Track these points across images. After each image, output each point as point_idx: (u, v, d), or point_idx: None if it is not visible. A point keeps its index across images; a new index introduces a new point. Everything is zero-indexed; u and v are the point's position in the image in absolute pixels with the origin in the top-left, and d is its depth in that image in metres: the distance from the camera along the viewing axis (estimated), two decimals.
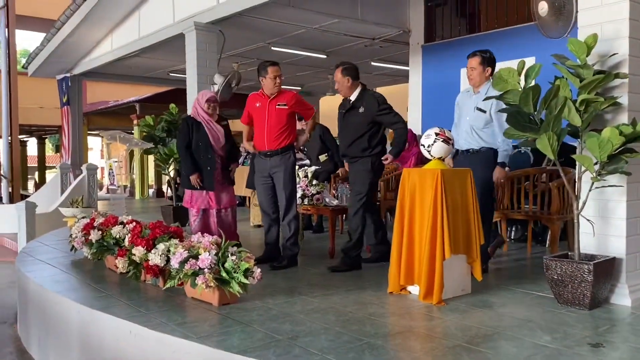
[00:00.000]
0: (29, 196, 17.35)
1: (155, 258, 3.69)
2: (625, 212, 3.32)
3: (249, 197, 8.43)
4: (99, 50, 10.39)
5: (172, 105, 7.29)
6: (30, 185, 23.93)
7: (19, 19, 15.02)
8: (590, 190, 3.24)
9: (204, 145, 4.90)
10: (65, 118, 11.77)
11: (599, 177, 3.15)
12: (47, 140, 26.20)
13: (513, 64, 8.04)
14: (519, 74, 3.36)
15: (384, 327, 2.93)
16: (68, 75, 11.54)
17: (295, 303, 3.42)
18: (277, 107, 4.59)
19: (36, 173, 24.75)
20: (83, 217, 5.09)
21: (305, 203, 5.17)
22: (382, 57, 10.48)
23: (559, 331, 2.82)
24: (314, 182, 5.19)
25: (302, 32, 8.60)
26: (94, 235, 4.37)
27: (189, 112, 7.38)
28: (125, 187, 16.30)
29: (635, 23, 3.31)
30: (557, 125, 3.23)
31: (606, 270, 3.22)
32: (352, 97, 4.45)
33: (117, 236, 4.26)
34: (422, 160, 6.52)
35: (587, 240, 3.41)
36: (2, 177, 14.06)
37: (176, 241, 3.78)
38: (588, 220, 3.28)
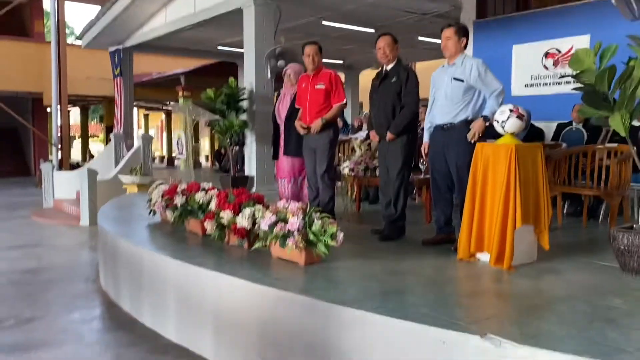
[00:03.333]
0: (78, 164, 18.03)
1: (242, 221, 4.02)
2: None
3: None
4: (153, 24, 10.70)
5: (231, 79, 7.56)
6: (73, 153, 24.70)
7: None
8: None
9: (273, 117, 5.21)
10: (117, 90, 12.19)
11: None
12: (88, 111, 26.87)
13: (566, 41, 8.14)
14: (595, 55, 3.50)
15: (465, 288, 3.21)
16: (120, 47, 11.91)
17: (374, 265, 3.71)
18: (315, 87, 4.84)
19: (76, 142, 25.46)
20: (161, 184, 5.45)
21: (368, 175, 5.42)
22: (429, 32, 10.55)
23: (630, 295, 3.05)
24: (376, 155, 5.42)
25: (355, 7, 8.75)
26: (179, 200, 4.71)
27: (243, 85, 7.68)
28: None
29: None
30: (630, 104, 3.40)
31: None
32: (389, 67, 4.58)
33: (201, 201, 4.60)
34: None
35: None
36: (53, 145, 14.66)
37: (260, 206, 4.10)
38: None
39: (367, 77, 14.92)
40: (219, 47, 12.56)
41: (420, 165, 5.28)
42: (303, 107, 4.92)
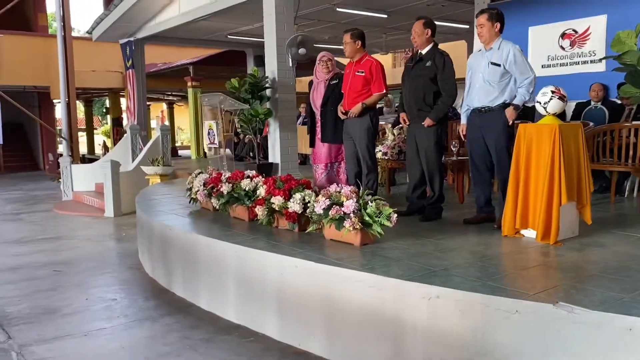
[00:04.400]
0: (85, 157, 18.11)
1: (294, 205, 4.18)
2: None
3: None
4: (166, 15, 10.76)
5: (255, 68, 7.67)
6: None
7: None
8: None
9: (308, 105, 5.35)
10: (130, 81, 12.27)
11: None
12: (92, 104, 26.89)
13: (583, 22, 8.26)
14: (636, 36, 3.65)
15: (520, 262, 3.38)
16: (132, 39, 11.97)
17: (425, 244, 3.88)
18: (356, 73, 4.97)
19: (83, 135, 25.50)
20: (200, 172, 5.61)
21: (402, 158, 5.57)
22: (440, 16, 10.64)
23: None
24: None
25: None
26: (226, 188, 4.86)
27: (266, 73, 7.77)
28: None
29: None
30: None
31: None
32: (424, 51, 4.72)
33: (247, 188, 4.75)
34: None
35: None
36: (63, 138, 14.74)
37: (309, 191, 4.26)
38: None
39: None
40: (229, 36, 12.63)
41: (452, 147, 5.43)
42: (344, 90, 5.05)
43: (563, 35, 8.01)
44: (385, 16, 10.30)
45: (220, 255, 4.15)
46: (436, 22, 11.31)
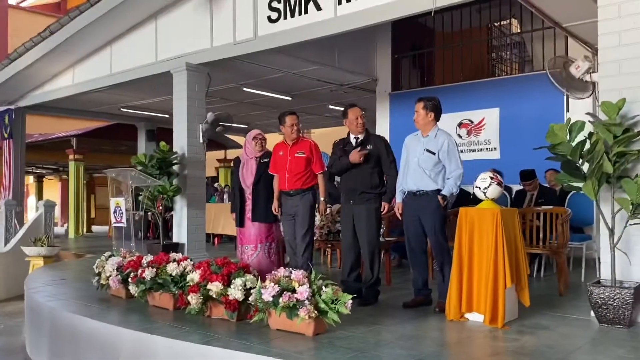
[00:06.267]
0: None
1: (235, 292, 3.84)
2: None
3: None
4: (56, 84, 10.03)
5: (163, 142, 7.30)
6: None
7: None
8: (625, 227, 3.87)
9: (236, 183, 5.14)
10: (8, 152, 11.13)
11: (634, 215, 3.80)
12: None
13: (478, 113, 8.93)
14: (567, 130, 3.94)
15: (487, 349, 3.33)
16: (12, 107, 10.99)
17: (380, 332, 3.73)
18: (296, 155, 4.92)
19: None
20: (111, 256, 5.06)
21: (331, 239, 5.47)
22: (340, 101, 11.07)
23: (626, 346, 3.35)
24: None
25: (279, 76, 8.99)
26: (149, 273, 4.38)
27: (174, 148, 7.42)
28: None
29: None
30: (598, 173, 3.86)
31: (639, 293, 3.86)
32: (361, 136, 4.78)
33: (174, 273, 4.32)
34: None
35: (606, 270, 4.03)
36: None
37: (251, 276, 3.97)
38: (623, 252, 3.92)
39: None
40: (122, 109, 12.08)
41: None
42: (281, 174, 4.91)
43: (460, 125, 8.66)
44: (289, 98, 10.49)
45: (149, 350, 3.65)
46: (338, 107, 11.78)
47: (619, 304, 3.77)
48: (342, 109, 4.94)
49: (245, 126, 14.56)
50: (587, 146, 3.90)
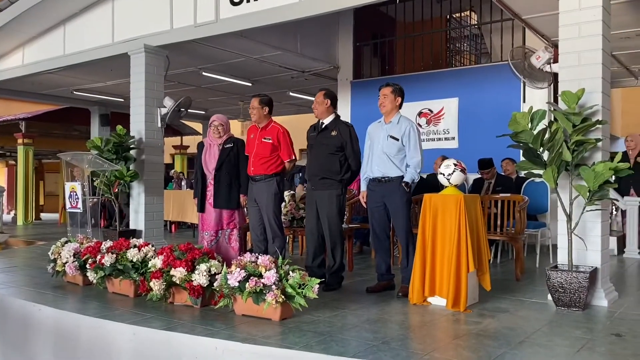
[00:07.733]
0: None
1: (200, 278, 3.78)
2: (600, 231, 4.15)
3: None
4: (4, 64, 9.55)
5: (119, 126, 7.07)
6: None
7: None
8: (582, 213, 4.01)
9: (199, 167, 5.05)
10: None
11: (591, 202, 3.93)
12: None
13: (437, 103, 9.01)
14: (529, 119, 4.03)
15: (450, 332, 3.39)
16: None
17: (346, 316, 3.73)
18: (262, 140, 4.88)
19: None
20: (67, 241, 4.89)
21: (294, 225, 5.44)
22: (301, 89, 11.01)
23: (582, 328, 3.47)
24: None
25: (239, 61, 8.85)
26: (109, 259, 4.25)
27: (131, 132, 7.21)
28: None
29: (604, 81, 4.20)
30: (558, 160, 3.97)
31: (593, 277, 4.00)
32: (326, 121, 4.80)
33: (134, 259, 4.22)
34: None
35: (563, 255, 4.17)
36: None
37: (215, 262, 3.91)
38: (580, 238, 4.05)
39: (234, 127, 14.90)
40: (75, 92, 11.65)
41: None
42: (250, 156, 4.90)
43: (420, 114, 8.76)
44: (250, 84, 10.36)
45: (110, 338, 3.55)
46: (296, 95, 11.70)
47: (575, 288, 3.91)
48: (303, 96, 4.95)
49: (203, 112, 14.33)
50: (548, 135, 4.01)
